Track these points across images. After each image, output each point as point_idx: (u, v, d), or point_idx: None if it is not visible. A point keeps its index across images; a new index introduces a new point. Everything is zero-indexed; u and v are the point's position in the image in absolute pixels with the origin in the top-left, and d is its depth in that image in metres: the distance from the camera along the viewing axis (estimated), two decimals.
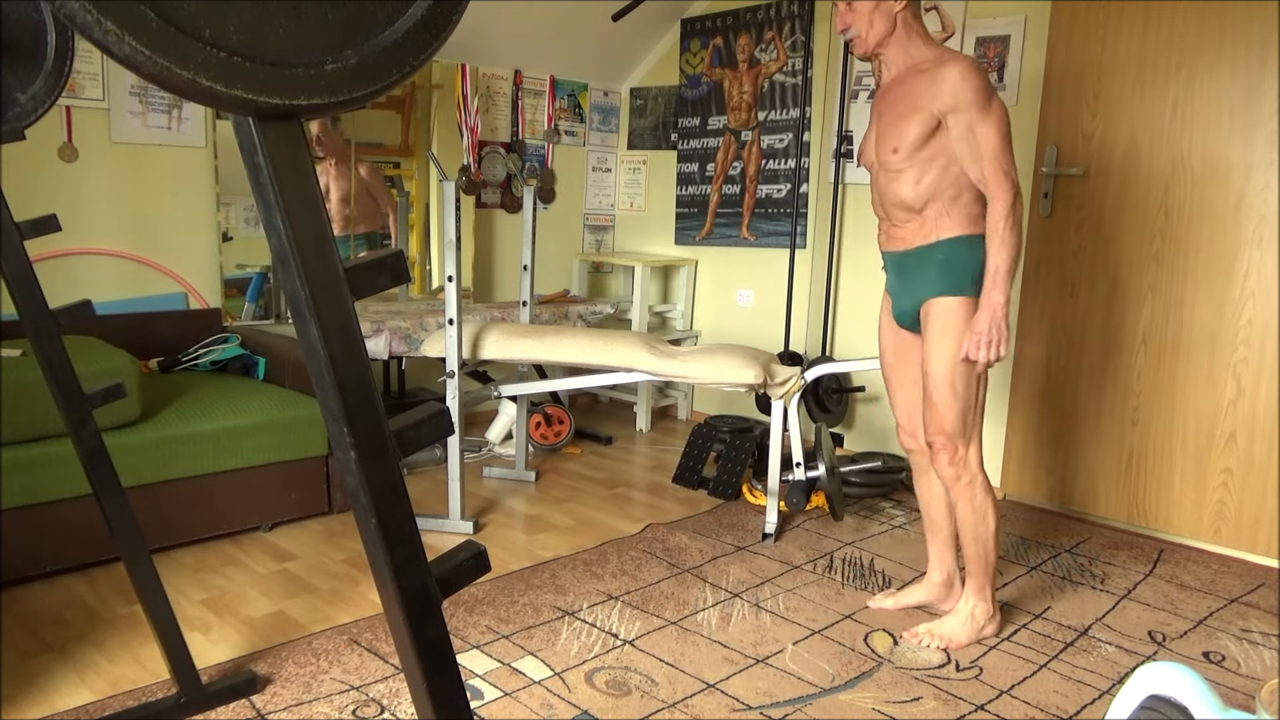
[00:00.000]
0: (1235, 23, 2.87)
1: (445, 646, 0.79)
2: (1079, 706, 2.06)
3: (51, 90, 1.54)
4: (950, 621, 2.34)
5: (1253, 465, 2.94)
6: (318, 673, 2.08)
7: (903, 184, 2.19)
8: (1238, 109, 2.89)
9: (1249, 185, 2.89)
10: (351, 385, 0.71)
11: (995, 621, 2.36)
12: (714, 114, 4.40)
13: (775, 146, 4.17)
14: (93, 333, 2.97)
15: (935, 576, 2.50)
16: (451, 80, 4.03)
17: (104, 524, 1.77)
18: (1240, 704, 2.08)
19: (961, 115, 2.08)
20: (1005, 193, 2.07)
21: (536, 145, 4.46)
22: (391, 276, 0.74)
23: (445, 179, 2.89)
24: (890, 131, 2.19)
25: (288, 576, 2.60)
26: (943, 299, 2.19)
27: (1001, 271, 2.09)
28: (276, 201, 0.67)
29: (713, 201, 4.43)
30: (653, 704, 2.00)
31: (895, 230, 2.27)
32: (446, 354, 2.95)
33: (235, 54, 0.60)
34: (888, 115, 2.21)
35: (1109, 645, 2.36)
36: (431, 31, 0.69)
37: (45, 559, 2.48)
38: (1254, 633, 2.46)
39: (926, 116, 2.12)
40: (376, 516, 0.74)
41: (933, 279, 2.20)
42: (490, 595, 2.51)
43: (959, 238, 2.18)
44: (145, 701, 1.93)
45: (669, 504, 3.35)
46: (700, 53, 4.41)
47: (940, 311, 2.19)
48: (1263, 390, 2.90)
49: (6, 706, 1.91)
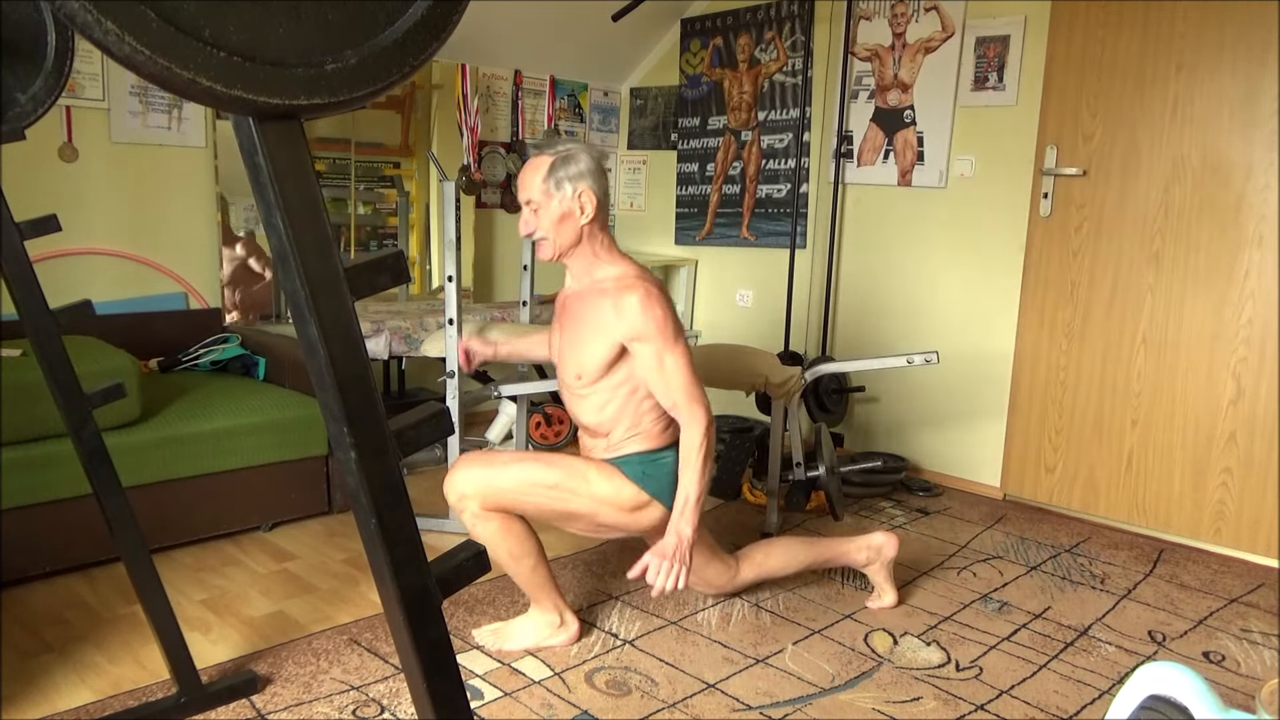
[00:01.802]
0: (1235, 23, 2.87)
1: (445, 646, 0.79)
2: (1079, 706, 2.06)
3: (51, 90, 1.54)
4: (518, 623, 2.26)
5: (1253, 465, 2.94)
6: (318, 673, 2.08)
7: (586, 408, 2.14)
8: (1238, 109, 2.89)
9: (1249, 185, 2.89)
10: (351, 385, 0.71)
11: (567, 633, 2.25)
12: (714, 114, 4.40)
13: (775, 146, 4.17)
14: (93, 333, 2.96)
15: (860, 560, 2.47)
16: (451, 80, 4.03)
17: (104, 524, 1.77)
18: (1240, 704, 2.08)
19: (649, 344, 2.02)
20: (699, 421, 2.01)
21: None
22: (391, 276, 0.74)
23: (445, 179, 2.89)
24: (573, 353, 2.13)
25: (288, 576, 2.60)
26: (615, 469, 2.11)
27: (692, 501, 2.01)
28: (276, 201, 0.67)
29: (713, 201, 4.43)
30: (653, 704, 2.00)
31: (585, 442, 2.23)
32: (446, 354, 2.95)
33: (235, 54, 0.60)
34: (569, 333, 2.15)
35: (1109, 645, 2.36)
36: (431, 31, 0.69)
37: (45, 559, 2.48)
38: (1254, 633, 2.46)
39: (609, 343, 2.05)
40: (376, 516, 0.74)
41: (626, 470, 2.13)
42: (490, 595, 2.51)
43: (645, 453, 2.13)
44: (145, 701, 1.93)
45: None
46: (700, 53, 4.41)
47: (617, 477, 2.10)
48: (1263, 390, 2.90)
49: (6, 706, 1.91)
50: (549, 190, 2.04)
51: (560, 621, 2.25)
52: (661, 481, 2.12)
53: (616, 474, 2.11)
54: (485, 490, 2.06)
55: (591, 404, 2.14)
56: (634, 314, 2.01)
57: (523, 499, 2.08)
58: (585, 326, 2.09)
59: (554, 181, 2.04)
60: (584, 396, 2.14)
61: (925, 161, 3.63)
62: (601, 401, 2.12)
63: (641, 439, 2.14)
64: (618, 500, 2.10)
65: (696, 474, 2.01)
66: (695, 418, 2.02)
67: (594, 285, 2.11)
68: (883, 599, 2.51)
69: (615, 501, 2.10)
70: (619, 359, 2.07)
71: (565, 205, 2.04)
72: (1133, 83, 3.08)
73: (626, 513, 2.12)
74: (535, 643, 2.23)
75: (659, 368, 2.02)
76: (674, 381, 2.03)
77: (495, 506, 2.08)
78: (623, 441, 2.14)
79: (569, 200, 2.04)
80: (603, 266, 2.11)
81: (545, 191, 2.04)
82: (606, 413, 2.13)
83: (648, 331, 2.01)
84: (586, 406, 2.15)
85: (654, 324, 2.01)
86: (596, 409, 2.13)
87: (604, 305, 2.05)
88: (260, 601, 2.44)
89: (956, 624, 2.44)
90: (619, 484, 2.10)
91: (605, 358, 2.07)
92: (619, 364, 2.08)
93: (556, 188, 2.04)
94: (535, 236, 2.09)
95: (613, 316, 2.03)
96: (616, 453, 2.15)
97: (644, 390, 2.10)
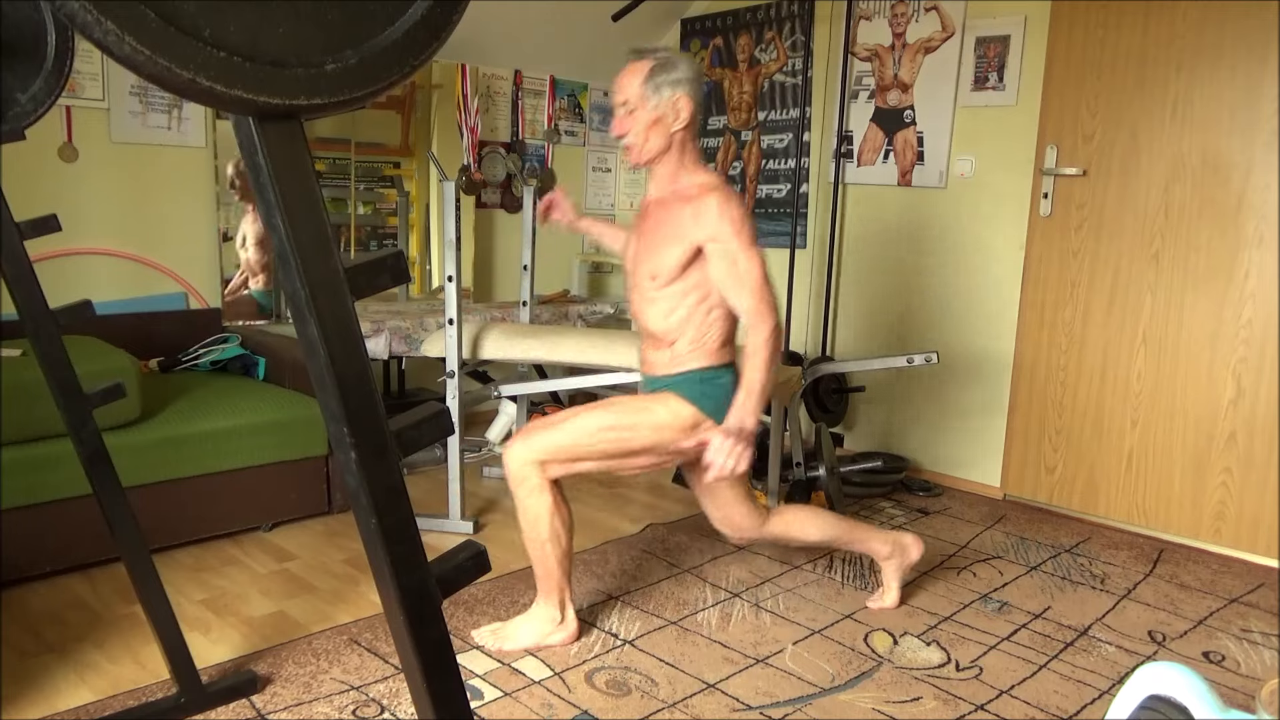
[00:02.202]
0: (1235, 23, 2.87)
1: (445, 646, 0.79)
2: (1079, 706, 2.06)
3: (51, 90, 1.54)
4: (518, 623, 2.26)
5: (1253, 465, 2.94)
6: (318, 673, 2.08)
7: (655, 313, 2.18)
8: (1238, 109, 2.89)
9: (1249, 185, 2.89)
10: (351, 385, 0.71)
11: (566, 631, 2.25)
12: (714, 114, 4.40)
13: (775, 146, 4.17)
14: (93, 333, 2.96)
15: (883, 553, 2.48)
16: (451, 80, 4.03)
17: (104, 524, 1.77)
18: (1240, 704, 2.08)
19: (724, 247, 2.06)
20: (767, 320, 2.06)
21: (536, 145, 4.46)
22: (391, 276, 0.74)
23: (445, 179, 2.89)
24: (649, 256, 2.16)
25: (288, 576, 2.60)
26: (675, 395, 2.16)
27: (755, 392, 2.05)
28: (276, 201, 0.67)
29: None
30: (653, 704, 2.00)
31: (648, 353, 2.26)
32: (446, 354, 2.95)
33: (235, 54, 0.60)
34: (648, 238, 2.18)
35: (1109, 645, 2.36)
36: (431, 31, 0.69)
37: (45, 559, 2.48)
38: (1254, 633, 2.46)
39: (688, 247, 2.09)
40: (376, 516, 0.74)
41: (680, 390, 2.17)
42: (490, 595, 2.51)
43: (706, 369, 2.17)
44: (145, 701, 1.93)
45: (669, 504, 3.35)
46: (700, 53, 4.41)
47: (667, 397, 2.16)
48: (1263, 390, 2.90)
49: (6, 706, 1.91)
50: (646, 94, 2.08)
51: (561, 619, 2.26)
52: (717, 400, 2.15)
53: (671, 397, 2.16)
54: (548, 451, 2.12)
55: (660, 309, 2.16)
56: (712, 216, 2.05)
57: (586, 449, 2.13)
58: (664, 230, 2.13)
59: (653, 85, 2.08)
60: (654, 300, 2.17)
61: (925, 161, 3.63)
62: (670, 307, 2.15)
63: (702, 354, 2.16)
64: (677, 422, 2.14)
65: (762, 367, 2.05)
66: (764, 317, 2.06)
67: (676, 193, 2.15)
68: (884, 599, 2.51)
69: (675, 424, 2.14)
70: (693, 262, 2.10)
71: (661, 110, 2.08)
72: (1133, 83, 3.08)
73: (687, 433, 2.15)
74: (535, 641, 2.23)
75: (733, 268, 2.06)
76: (747, 282, 2.06)
77: (562, 467, 2.14)
78: (685, 355, 2.17)
79: (665, 105, 2.08)
80: (687, 175, 2.16)
81: (643, 95, 2.08)
82: (673, 319, 2.16)
83: (724, 233, 2.05)
84: (655, 311, 2.18)
85: (730, 226, 2.05)
86: (665, 314, 2.16)
87: (684, 210, 2.10)
88: (260, 601, 2.44)
89: (956, 624, 2.44)
90: (676, 406, 2.15)
91: (681, 260, 2.10)
92: (692, 268, 2.11)
93: (655, 91, 2.08)
94: (625, 140, 2.14)
95: (691, 221, 2.08)
96: (678, 367, 2.18)
97: (712, 301, 2.13)
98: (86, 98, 3.09)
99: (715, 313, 2.15)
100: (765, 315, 2.06)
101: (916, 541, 2.50)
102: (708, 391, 2.16)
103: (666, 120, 2.09)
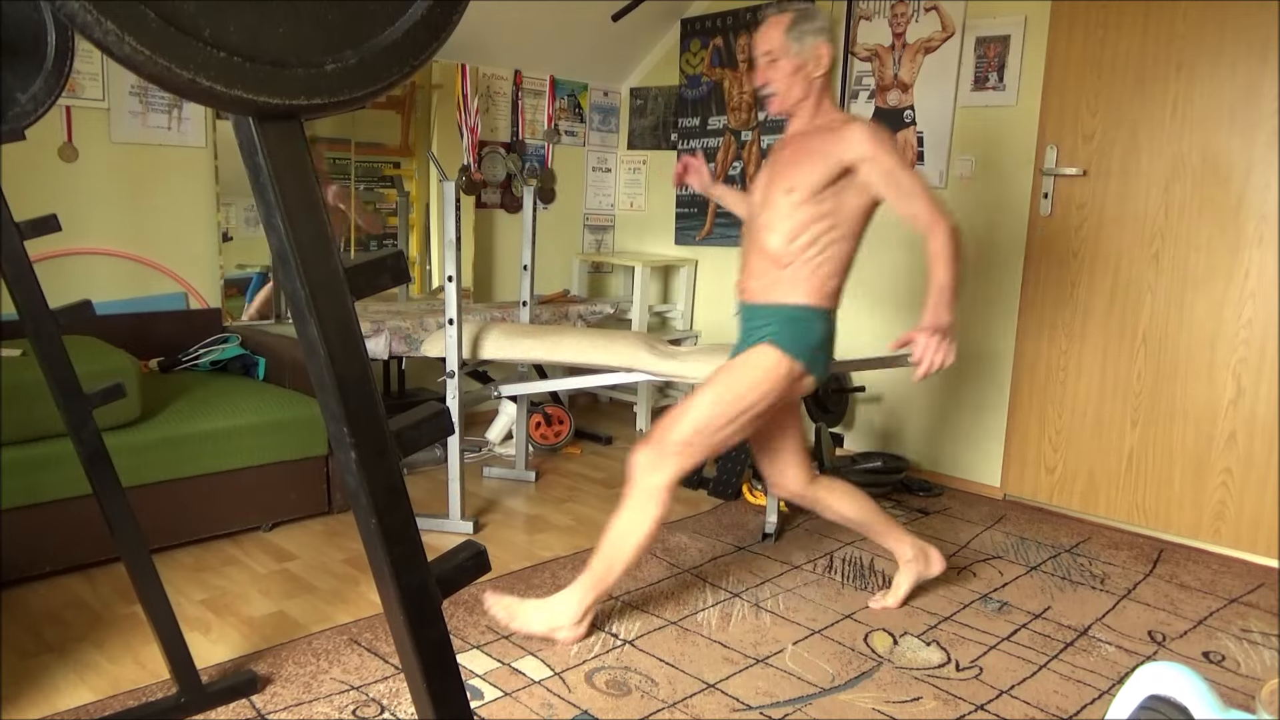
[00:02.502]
0: (1235, 23, 2.87)
1: (445, 646, 0.79)
2: (1079, 706, 2.06)
3: (51, 90, 1.54)
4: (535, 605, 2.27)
5: (1253, 465, 2.94)
6: (318, 673, 2.08)
7: (780, 232, 2.21)
8: (1238, 109, 2.89)
9: (1249, 185, 2.89)
10: (351, 385, 0.71)
11: (575, 632, 2.26)
12: (714, 114, 4.40)
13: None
14: (93, 333, 2.96)
15: (906, 554, 2.51)
16: (451, 80, 4.03)
17: (104, 524, 1.77)
18: (1240, 704, 2.08)
19: (878, 163, 2.12)
20: (941, 223, 2.10)
21: (536, 145, 4.46)
22: (391, 276, 0.74)
23: (445, 179, 2.89)
24: (789, 171, 2.21)
25: (288, 576, 2.60)
26: (768, 346, 2.22)
27: (947, 290, 2.10)
28: (276, 201, 0.67)
29: (713, 202, 4.43)
30: (653, 704, 2.00)
31: (749, 281, 2.30)
32: (446, 354, 2.95)
33: (235, 54, 0.60)
34: (785, 164, 2.24)
35: (1109, 645, 2.36)
36: (431, 31, 0.69)
37: (45, 559, 2.48)
38: (1254, 633, 2.46)
39: (833, 164, 2.14)
40: (376, 516, 0.74)
41: (767, 330, 2.23)
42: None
43: (805, 306, 2.22)
44: (145, 701, 1.93)
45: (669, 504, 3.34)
46: (700, 53, 4.41)
47: (758, 351, 2.22)
48: (1263, 390, 2.90)
49: (6, 706, 1.91)
50: (789, 43, 2.18)
51: (579, 620, 2.26)
52: (807, 345, 2.22)
53: (757, 352, 2.21)
54: (679, 446, 2.19)
55: (787, 228, 2.20)
56: (859, 138, 2.12)
57: (711, 429, 2.19)
58: (806, 153, 2.19)
59: (795, 34, 2.18)
60: (784, 218, 2.20)
61: (925, 161, 3.63)
62: (796, 228, 2.19)
63: (804, 289, 2.22)
64: (774, 374, 2.20)
65: (948, 266, 2.10)
66: (936, 219, 2.10)
67: (817, 127, 2.23)
68: (887, 599, 2.51)
69: (773, 376, 2.20)
70: (835, 183, 2.15)
71: (803, 57, 2.18)
72: (1133, 83, 3.08)
73: (786, 380, 2.21)
74: (543, 630, 2.24)
75: (891, 182, 2.12)
76: (910, 190, 2.12)
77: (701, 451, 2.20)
78: (787, 285, 2.22)
79: (807, 52, 2.18)
80: (825, 115, 2.25)
81: (785, 44, 2.19)
82: (796, 243, 2.20)
83: (875, 152, 2.12)
84: (780, 231, 2.21)
85: (880, 145, 2.12)
86: (789, 235, 2.20)
87: (828, 137, 2.17)
88: (260, 601, 2.44)
89: (956, 624, 2.44)
90: (765, 360, 2.21)
91: (825, 177, 2.15)
92: (829, 191, 2.16)
93: (797, 40, 2.18)
94: (766, 90, 2.24)
95: (838, 144, 2.15)
96: (775, 298, 2.24)
97: (838, 234, 2.19)
98: (86, 98, 3.09)
99: (836, 248, 2.20)
100: (937, 217, 2.10)
101: (941, 559, 2.54)
102: (797, 334, 2.21)
103: (808, 67, 2.19)
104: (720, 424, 2.20)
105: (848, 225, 2.20)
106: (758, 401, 2.20)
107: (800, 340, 2.21)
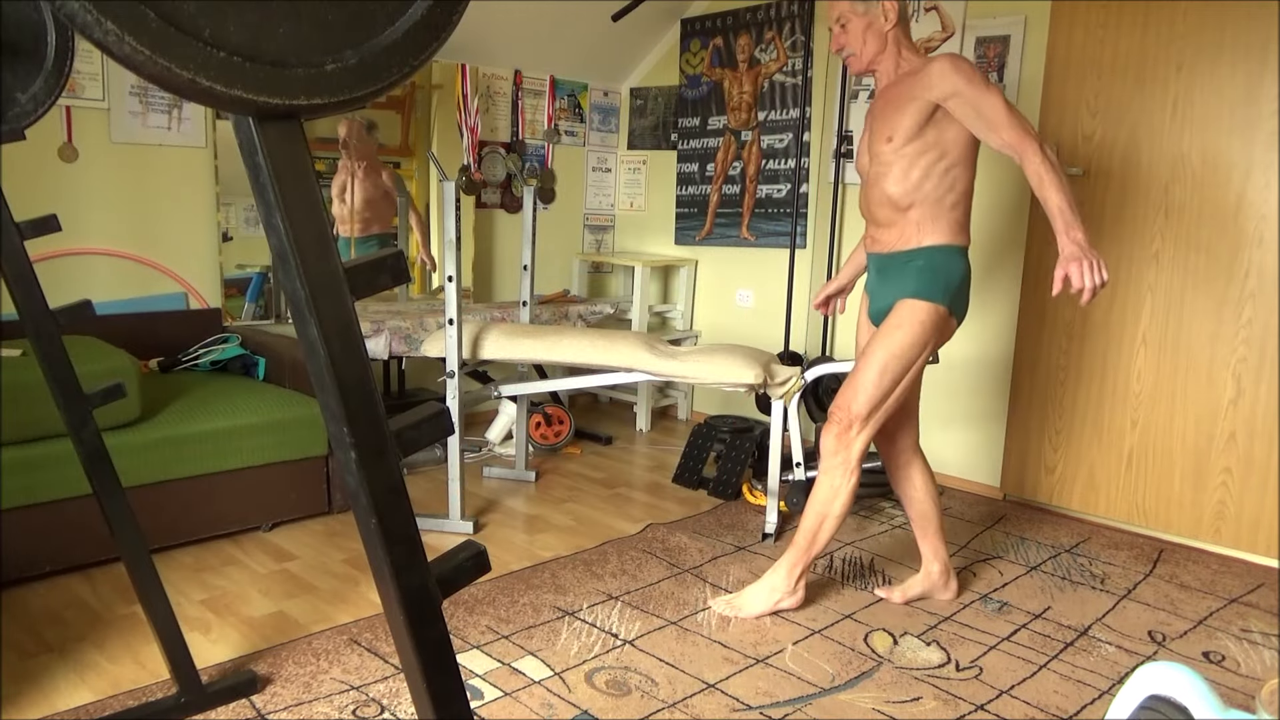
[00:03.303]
0: (1235, 23, 2.87)
1: (445, 646, 0.79)
2: (1079, 706, 2.06)
3: (51, 90, 1.54)
4: (752, 590, 2.45)
5: (1253, 465, 2.94)
6: (318, 673, 2.08)
7: (891, 178, 2.25)
8: (1238, 109, 2.89)
9: (1249, 185, 2.89)
10: (351, 385, 0.71)
11: (795, 599, 2.44)
12: (714, 114, 4.40)
13: (775, 146, 4.17)
14: (93, 333, 2.96)
15: (934, 567, 2.55)
16: (451, 80, 4.03)
17: (104, 524, 1.77)
18: (1240, 704, 2.08)
19: (963, 97, 2.15)
20: (1032, 147, 2.09)
21: (536, 145, 4.46)
22: (391, 276, 0.74)
23: (445, 179, 2.89)
24: (884, 124, 2.26)
25: (288, 576, 2.60)
26: (912, 300, 2.25)
27: (1065, 209, 2.03)
28: (276, 201, 0.67)
29: (713, 201, 4.43)
30: (653, 704, 2.00)
31: (879, 232, 2.34)
32: (446, 354, 2.95)
33: (235, 54, 0.60)
34: (880, 115, 2.29)
35: (1109, 645, 2.36)
36: (431, 31, 0.69)
37: (45, 559, 2.48)
38: (1254, 633, 2.46)
39: (922, 105, 2.19)
40: (376, 516, 0.74)
41: (909, 282, 2.26)
42: (490, 595, 2.51)
43: (940, 246, 2.25)
44: (145, 701, 1.93)
45: (669, 504, 3.35)
46: (700, 53, 4.41)
47: (905, 308, 2.27)
48: (1263, 390, 2.90)
49: (6, 706, 1.91)
50: (855, 4, 2.26)
51: (793, 589, 2.42)
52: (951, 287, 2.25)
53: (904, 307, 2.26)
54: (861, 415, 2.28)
55: (898, 170, 2.24)
56: (943, 74, 2.15)
57: (882, 398, 2.28)
58: (896, 102, 2.24)
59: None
60: (891, 164, 2.24)
61: None
62: (907, 166, 2.23)
63: (939, 226, 2.25)
64: (928, 326, 2.25)
65: (1055, 186, 2.06)
66: (1028, 144, 2.09)
67: (901, 75, 2.28)
68: (894, 594, 2.55)
69: (928, 329, 2.25)
70: (929, 121, 2.20)
71: (871, 14, 2.26)
72: (1133, 83, 3.08)
73: (939, 329, 2.27)
74: (769, 608, 2.42)
75: (979, 114, 2.13)
76: (997, 119, 2.11)
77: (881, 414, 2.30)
78: (921, 228, 2.25)
79: (874, 9, 2.26)
80: (908, 60, 2.29)
81: (851, 6, 2.27)
82: (910, 180, 2.23)
83: (959, 85, 2.14)
84: (892, 175, 2.24)
85: (963, 77, 2.14)
86: (902, 174, 2.23)
87: (913, 81, 2.22)
88: (260, 601, 2.44)
89: (956, 624, 2.44)
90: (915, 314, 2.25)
91: (918, 119, 2.19)
92: (928, 127, 2.20)
93: None
94: (844, 53, 2.33)
95: (922, 85, 2.19)
96: (912, 243, 2.27)
97: (949, 161, 2.22)
98: (86, 98, 3.09)
99: (951, 175, 2.23)
100: (1028, 142, 2.09)
101: (956, 589, 2.60)
102: (936, 280, 2.24)
103: (878, 23, 2.26)
104: (889, 388, 2.28)
105: (957, 151, 2.22)
106: (917, 357, 2.28)
107: (940, 285, 2.24)
